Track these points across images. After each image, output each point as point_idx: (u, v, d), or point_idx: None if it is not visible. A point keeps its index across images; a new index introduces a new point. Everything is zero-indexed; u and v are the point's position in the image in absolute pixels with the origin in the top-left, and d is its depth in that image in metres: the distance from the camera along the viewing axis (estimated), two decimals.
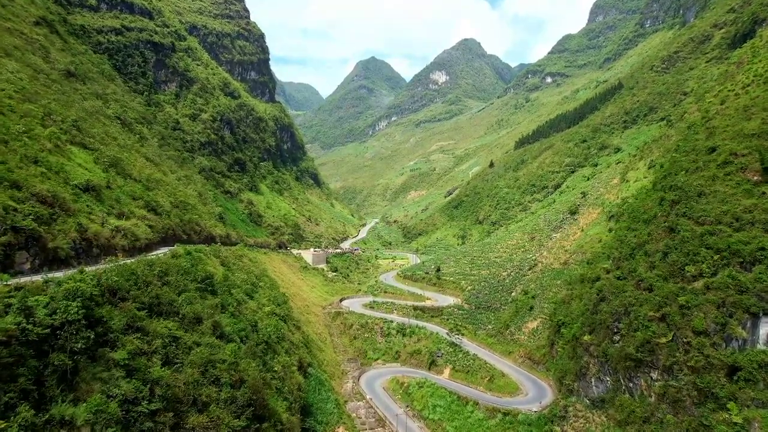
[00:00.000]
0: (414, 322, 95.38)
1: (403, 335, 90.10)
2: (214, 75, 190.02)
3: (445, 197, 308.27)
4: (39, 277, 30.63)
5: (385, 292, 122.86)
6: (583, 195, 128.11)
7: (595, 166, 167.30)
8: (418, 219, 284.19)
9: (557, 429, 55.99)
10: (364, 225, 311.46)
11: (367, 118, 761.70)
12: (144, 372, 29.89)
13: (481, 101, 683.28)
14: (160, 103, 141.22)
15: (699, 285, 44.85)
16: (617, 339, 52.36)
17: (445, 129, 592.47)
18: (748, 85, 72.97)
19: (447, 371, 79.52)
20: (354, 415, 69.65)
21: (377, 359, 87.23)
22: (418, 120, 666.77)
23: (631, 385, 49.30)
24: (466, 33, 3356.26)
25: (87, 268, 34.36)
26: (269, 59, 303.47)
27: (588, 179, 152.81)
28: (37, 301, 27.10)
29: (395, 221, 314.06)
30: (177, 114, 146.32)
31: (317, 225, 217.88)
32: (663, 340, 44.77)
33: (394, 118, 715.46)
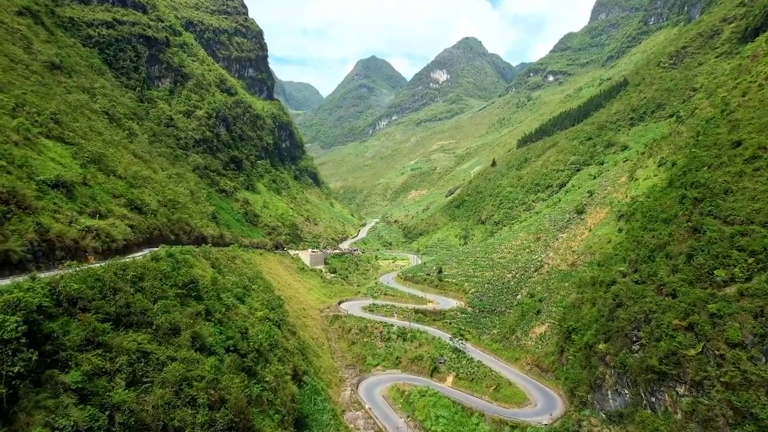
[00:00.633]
0: (415, 326, 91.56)
1: (404, 340, 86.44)
2: (210, 71, 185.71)
3: (446, 197, 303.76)
4: None
5: (386, 295, 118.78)
6: (589, 194, 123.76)
7: (602, 164, 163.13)
8: (419, 219, 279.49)
9: None
10: (364, 225, 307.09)
11: (367, 117, 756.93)
12: (102, 396, 25.61)
13: (482, 100, 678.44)
14: (153, 99, 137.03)
15: (731, 291, 40.64)
16: (637, 349, 48.18)
17: (446, 128, 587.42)
18: None
19: (450, 379, 75.65)
20: (352, 426, 66.08)
21: (377, 365, 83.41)
22: (419, 119, 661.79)
23: (653, 399, 45.09)
24: (467, 32, 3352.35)
25: (42, 274, 30.05)
26: (267, 56, 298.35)
27: (594, 178, 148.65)
28: None
29: (396, 221, 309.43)
30: (171, 110, 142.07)
31: (316, 225, 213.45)
32: (691, 351, 40.54)
33: (394, 117, 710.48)
